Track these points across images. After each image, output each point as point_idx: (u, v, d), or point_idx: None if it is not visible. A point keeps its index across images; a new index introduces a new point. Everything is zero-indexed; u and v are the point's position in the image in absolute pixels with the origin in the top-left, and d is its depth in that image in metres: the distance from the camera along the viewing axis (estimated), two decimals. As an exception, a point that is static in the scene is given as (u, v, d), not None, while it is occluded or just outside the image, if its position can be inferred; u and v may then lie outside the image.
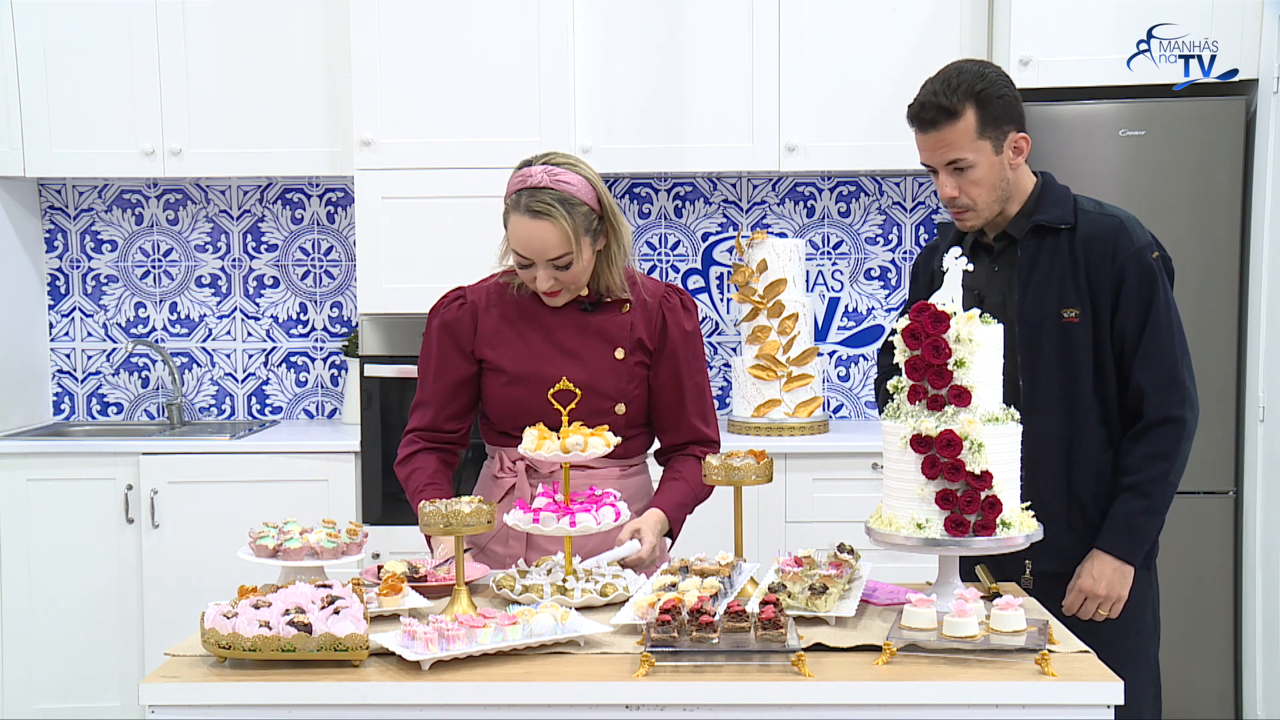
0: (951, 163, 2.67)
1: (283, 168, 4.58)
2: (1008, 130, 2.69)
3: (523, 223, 2.64)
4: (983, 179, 2.68)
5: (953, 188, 2.70)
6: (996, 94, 2.66)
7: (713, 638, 2.17)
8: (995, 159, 2.69)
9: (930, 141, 2.69)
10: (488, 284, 2.85)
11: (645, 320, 2.79)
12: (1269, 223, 3.92)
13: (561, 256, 2.65)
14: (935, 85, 2.67)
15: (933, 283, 2.77)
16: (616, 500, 2.63)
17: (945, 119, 2.65)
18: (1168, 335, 2.73)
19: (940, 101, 2.65)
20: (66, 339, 4.94)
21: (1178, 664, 4.15)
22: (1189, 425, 2.73)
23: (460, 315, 2.80)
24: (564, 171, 2.67)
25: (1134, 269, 2.71)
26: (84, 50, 4.51)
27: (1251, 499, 4.03)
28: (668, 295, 2.83)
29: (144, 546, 4.33)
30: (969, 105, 2.64)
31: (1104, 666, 2.19)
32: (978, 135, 2.66)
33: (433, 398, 2.82)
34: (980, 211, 2.73)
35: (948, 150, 2.67)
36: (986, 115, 2.66)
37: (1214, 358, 4.10)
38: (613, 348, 2.77)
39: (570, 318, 2.76)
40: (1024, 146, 2.72)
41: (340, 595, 2.28)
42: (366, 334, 4.33)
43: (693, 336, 2.84)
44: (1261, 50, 4.00)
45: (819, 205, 4.80)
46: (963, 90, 2.64)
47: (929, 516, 2.33)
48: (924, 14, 4.38)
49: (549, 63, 4.25)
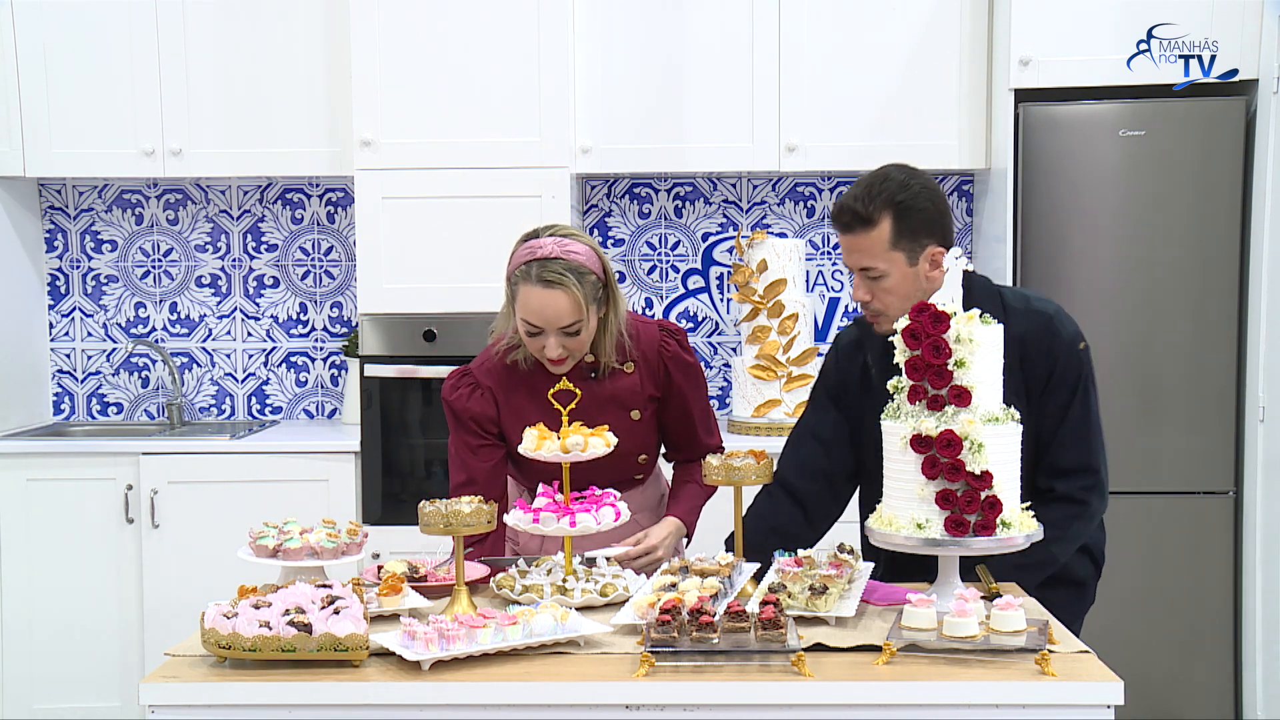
0: (864, 269, 2.65)
1: (283, 168, 4.58)
2: (925, 244, 2.64)
3: (535, 293, 2.69)
4: (895, 288, 2.65)
5: (865, 292, 2.68)
6: (917, 206, 2.62)
7: (713, 638, 2.17)
8: (909, 270, 2.64)
9: (846, 244, 2.68)
10: (492, 364, 2.88)
11: (650, 375, 2.88)
12: (1269, 223, 3.92)
13: (572, 324, 2.71)
14: (857, 190, 2.64)
15: (865, 374, 2.77)
16: (616, 500, 2.64)
17: (861, 225, 2.62)
18: (1085, 424, 2.71)
19: (857, 208, 2.62)
20: (66, 339, 4.94)
21: (1178, 664, 4.15)
22: (1093, 509, 2.72)
23: (484, 404, 2.86)
24: (572, 242, 2.74)
25: (1064, 360, 2.70)
26: (84, 50, 4.50)
27: (1251, 499, 4.03)
28: (664, 343, 2.90)
29: (144, 546, 4.33)
30: (886, 215, 2.61)
31: (1104, 667, 2.19)
32: (891, 246, 2.62)
33: (479, 476, 2.85)
34: (893, 317, 2.65)
35: (861, 256, 2.65)
36: (903, 227, 2.62)
37: (1214, 358, 4.11)
38: (628, 410, 2.86)
39: (582, 391, 2.75)
40: (941, 261, 2.66)
41: (340, 595, 2.28)
42: (366, 334, 4.33)
43: (693, 371, 2.94)
44: (1261, 50, 4.00)
45: (819, 205, 4.80)
46: (882, 199, 2.61)
47: (929, 516, 2.33)
48: (924, 14, 4.38)
49: (549, 63, 4.25)
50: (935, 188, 2.68)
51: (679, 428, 2.97)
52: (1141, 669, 3.99)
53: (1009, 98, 4.15)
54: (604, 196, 4.83)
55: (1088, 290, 4.13)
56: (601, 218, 4.83)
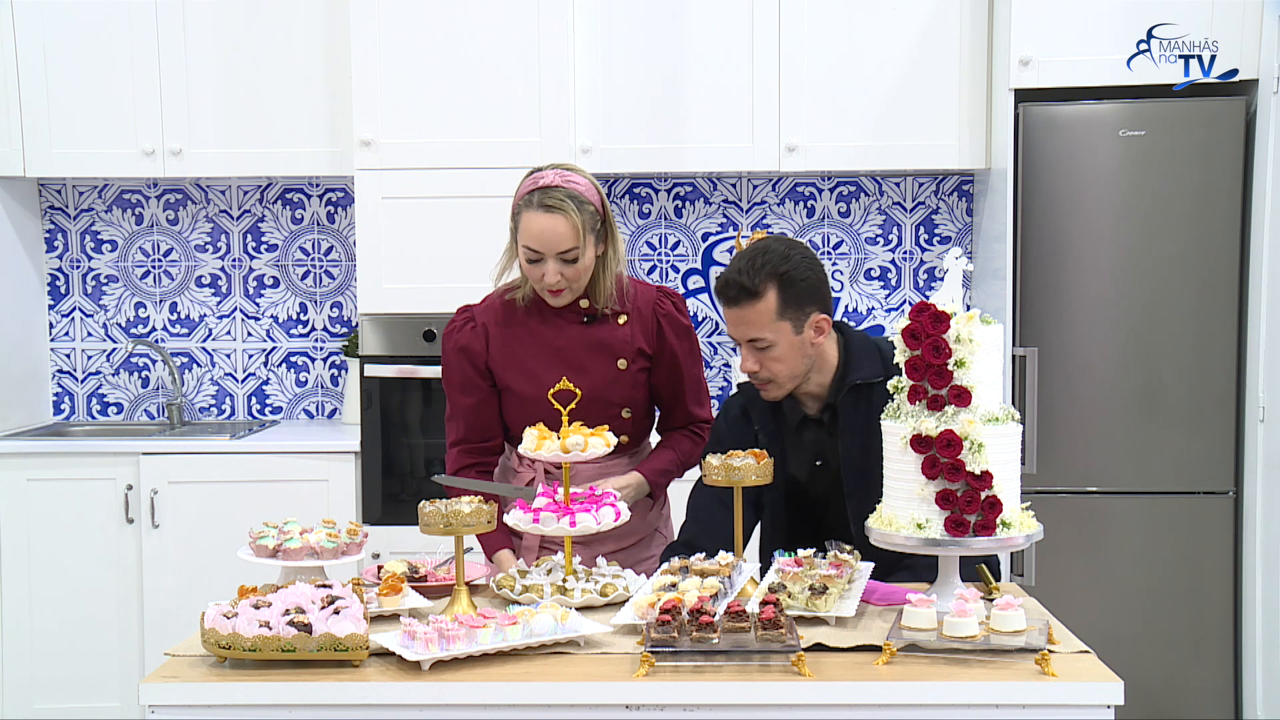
0: (752, 340, 2.72)
1: (283, 168, 4.58)
2: (809, 311, 2.71)
3: (537, 217, 2.78)
4: (783, 356, 2.72)
5: (754, 363, 2.74)
6: (799, 276, 2.70)
7: (713, 638, 2.17)
8: (795, 339, 2.72)
9: (733, 318, 2.74)
10: (492, 302, 2.99)
11: (643, 329, 2.95)
12: (1269, 223, 3.92)
13: (570, 250, 2.79)
14: (740, 264, 2.72)
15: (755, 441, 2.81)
16: (616, 500, 2.64)
17: (747, 298, 2.69)
18: None
19: (743, 281, 2.69)
20: (66, 339, 4.94)
21: (1178, 664, 4.15)
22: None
23: (474, 338, 2.94)
24: (573, 174, 2.86)
25: None
26: (84, 50, 4.50)
27: (1251, 499, 4.03)
28: (660, 300, 2.98)
29: (144, 546, 4.33)
30: (771, 286, 2.69)
31: (1104, 667, 2.19)
32: (778, 316, 2.70)
33: (463, 413, 2.96)
34: (782, 385, 2.76)
35: (748, 328, 2.71)
36: (788, 296, 2.69)
37: (1214, 358, 4.10)
38: (615, 359, 2.92)
39: (573, 333, 2.91)
40: (825, 327, 2.75)
41: (340, 595, 2.28)
42: (366, 334, 4.33)
43: (688, 334, 3.01)
44: (1261, 50, 3.99)
45: (819, 205, 4.80)
46: (766, 271, 2.69)
47: (929, 516, 2.33)
48: (924, 14, 4.38)
49: (549, 63, 4.25)
50: (814, 257, 2.78)
51: (669, 391, 3.00)
52: (1141, 669, 3.99)
53: (1009, 98, 4.14)
54: (604, 196, 4.83)
55: (1088, 290, 4.13)
56: (601, 218, 4.83)
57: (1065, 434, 4.14)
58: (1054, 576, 4.06)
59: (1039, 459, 4.11)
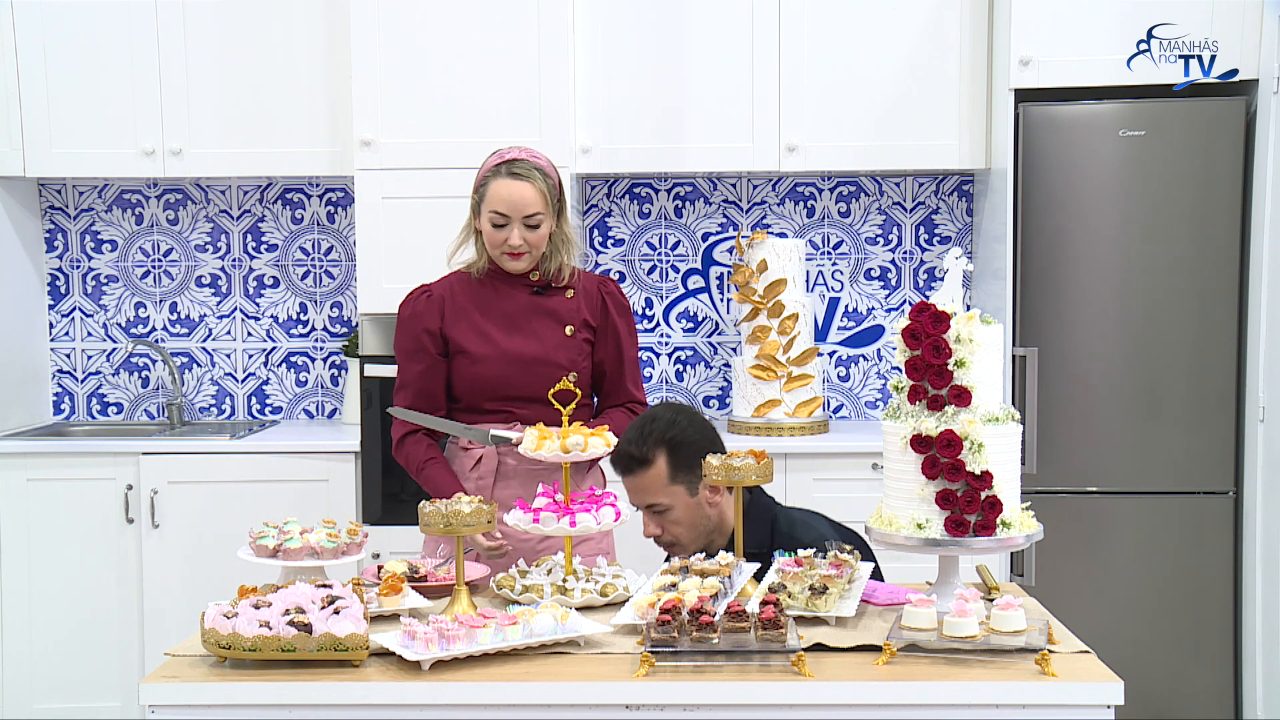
0: (650, 506, 2.80)
1: (283, 168, 4.58)
2: (701, 473, 2.72)
3: (505, 184, 2.98)
4: (681, 519, 2.81)
5: (655, 527, 2.83)
6: (688, 440, 2.79)
7: (713, 638, 2.17)
8: (690, 501, 2.81)
9: (630, 486, 2.83)
10: (446, 278, 3.16)
11: (588, 304, 3.11)
12: (1269, 223, 3.92)
13: (534, 215, 2.98)
14: (631, 434, 2.81)
15: None
16: (616, 501, 2.65)
17: (639, 467, 2.79)
18: None
19: (632, 451, 2.79)
20: (66, 339, 4.94)
21: (1178, 664, 4.15)
22: None
23: (429, 306, 3.10)
24: (536, 152, 3.09)
25: None
26: (84, 50, 4.50)
27: (1251, 499, 4.03)
28: (604, 283, 3.17)
29: (144, 546, 4.33)
30: (660, 453, 2.78)
31: (1104, 667, 2.19)
32: (670, 481, 2.79)
33: (412, 380, 3.09)
34: (686, 546, 2.83)
35: (645, 495, 2.80)
36: (678, 461, 2.78)
37: (1214, 358, 4.10)
38: (563, 325, 3.07)
39: (524, 300, 3.07)
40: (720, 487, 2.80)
41: (340, 595, 2.29)
42: (366, 334, 4.33)
43: (629, 314, 3.21)
44: (1261, 50, 4.00)
45: (819, 205, 4.80)
46: (653, 439, 2.78)
47: (929, 516, 2.33)
48: (924, 14, 4.38)
49: (549, 63, 4.25)
50: (703, 420, 2.88)
51: (611, 367, 3.14)
52: (1141, 669, 3.98)
53: (1009, 98, 4.14)
54: (604, 196, 4.83)
55: (1088, 290, 4.13)
56: (601, 218, 4.83)
57: (1065, 434, 4.14)
58: (1054, 576, 4.07)
59: (1039, 459, 4.11)
